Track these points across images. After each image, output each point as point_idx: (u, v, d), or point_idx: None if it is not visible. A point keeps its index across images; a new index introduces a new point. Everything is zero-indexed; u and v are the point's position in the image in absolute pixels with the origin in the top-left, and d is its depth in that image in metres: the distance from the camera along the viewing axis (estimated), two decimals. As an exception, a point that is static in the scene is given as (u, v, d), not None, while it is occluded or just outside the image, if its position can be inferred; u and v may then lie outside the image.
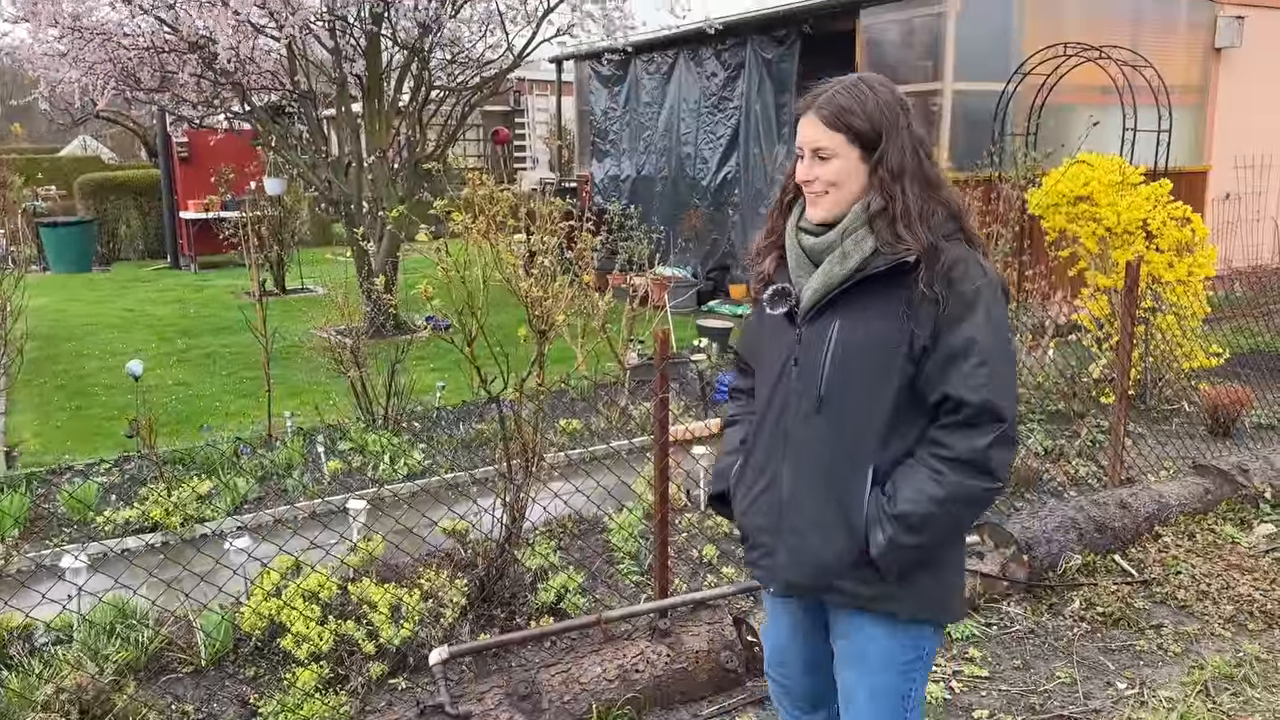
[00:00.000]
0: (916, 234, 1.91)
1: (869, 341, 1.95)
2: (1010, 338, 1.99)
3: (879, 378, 1.94)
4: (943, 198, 1.98)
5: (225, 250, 13.21)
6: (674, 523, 4.64)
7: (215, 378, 7.82)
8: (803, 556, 2.03)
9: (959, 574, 2.11)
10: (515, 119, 21.00)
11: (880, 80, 2.00)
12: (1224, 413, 5.97)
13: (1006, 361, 1.94)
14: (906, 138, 1.95)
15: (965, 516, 1.99)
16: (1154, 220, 6.19)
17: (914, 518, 1.90)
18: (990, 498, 1.96)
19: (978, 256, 1.97)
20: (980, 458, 1.89)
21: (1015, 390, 1.97)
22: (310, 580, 3.69)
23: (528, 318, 3.81)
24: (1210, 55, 10.07)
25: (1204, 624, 3.81)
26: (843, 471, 1.98)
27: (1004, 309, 1.97)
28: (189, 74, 8.59)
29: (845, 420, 1.97)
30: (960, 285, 1.91)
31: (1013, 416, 1.92)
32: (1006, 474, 1.94)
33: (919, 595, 2.01)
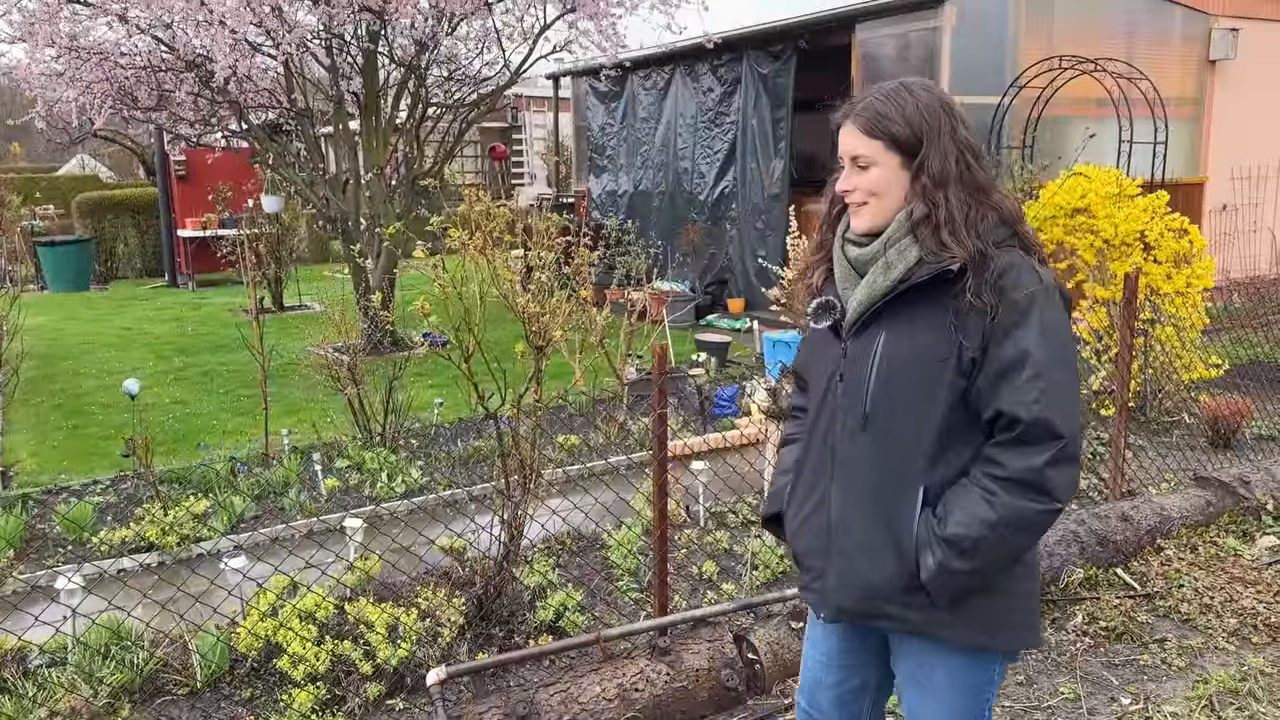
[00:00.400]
0: (962, 241, 1.82)
1: (915, 355, 1.86)
2: (1070, 347, 1.87)
3: (926, 393, 1.85)
4: (993, 202, 1.89)
5: (223, 268, 13.22)
6: (673, 539, 4.61)
7: (212, 396, 7.79)
8: (851, 580, 1.95)
9: (1025, 599, 1.94)
10: (513, 135, 21.05)
11: (923, 84, 1.93)
12: (1224, 424, 5.95)
13: (1064, 373, 1.81)
14: (950, 142, 1.87)
15: (1021, 541, 1.84)
16: (1151, 232, 6.19)
17: (965, 542, 1.80)
18: (1048, 520, 1.84)
19: (1032, 262, 1.86)
20: (1036, 477, 1.78)
21: (1076, 403, 1.83)
22: (307, 600, 3.66)
23: (525, 333, 3.81)
24: (1205, 67, 10.10)
25: (1208, 638, 3.78)
26: (891, 491, 1.89)
27: (1062, 316, 1.85)
28: (186, 93, 8.60)
29: (892, 438, 1.89)
30: (1011, 293, 1.80)
31: (1073, 432, 1.80)
32: (1067, 495, 1.82)
33: (974, 621, 1.90)
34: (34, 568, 4.48)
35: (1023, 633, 1.95)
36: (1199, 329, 6.31)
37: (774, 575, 4.29)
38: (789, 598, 3.83)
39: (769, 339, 7.64)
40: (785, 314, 4.62)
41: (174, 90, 8.67)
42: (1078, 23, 9.18)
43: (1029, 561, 1.94)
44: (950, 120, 1.89)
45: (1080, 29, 9.14)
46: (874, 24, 9.19)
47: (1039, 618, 2.00)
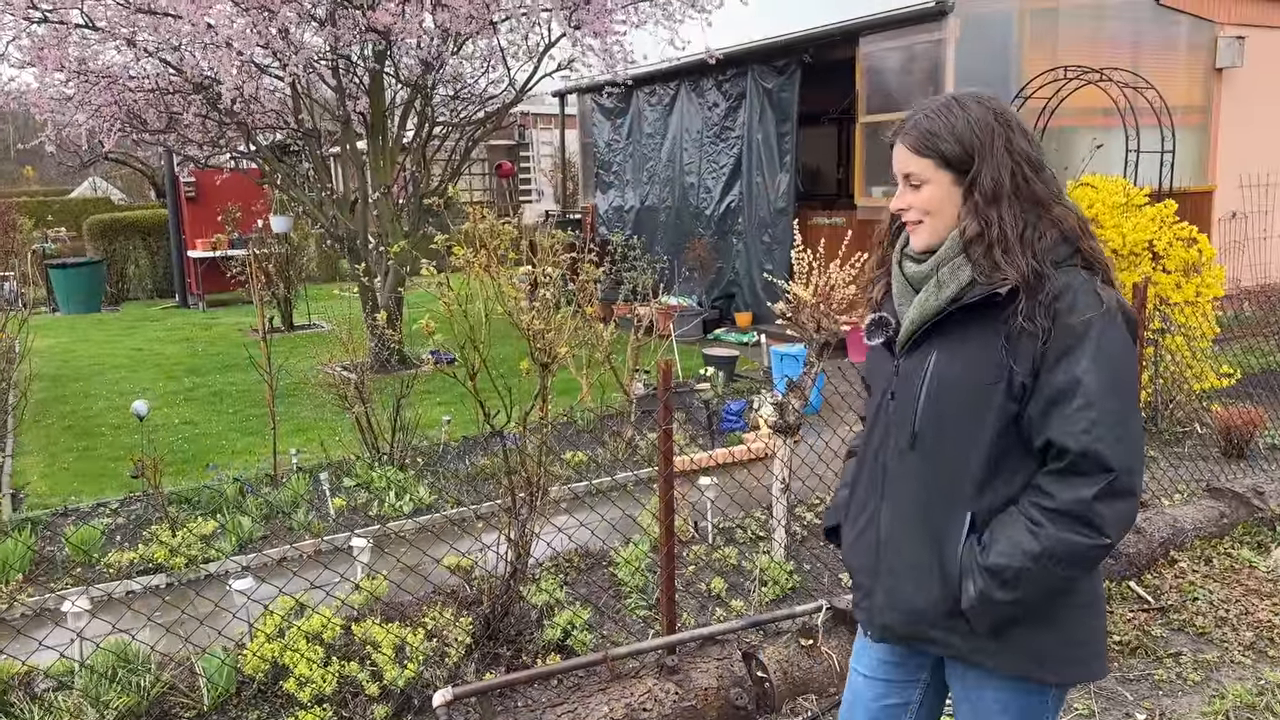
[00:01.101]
0: (1015, 261, 1.76)
1: (964, 376, 1.81)
2: (1130, 375, 1.78)
3: (975, 416, 1.80)
4: (1054, 217, 1.81)
5: (233, 288, 13.29)
6: (681, 556, 4.59)
7: (222, 416, 7.81)
8: (897, 601, 1.92)
9: (1081, 629, 1.86)
10: (520, 152, 21.14)
11: (975, 96, 1.86)
12: (1237, 434, 5.90)
13: (1119, 402, 1.73)
14: (1003, 156, 1.80)
15: (1067, 574, 1.77)
16: (1160, 241, 6.16)
17: (1007, 572, 1.76)
18: (1097, 555, 1.75)
19: (1095, 285, 1.77)
20: (1084, 510, 1.71)
21: (1133, 434, 1.74)
22: (313, 621, 3.65)
23: (530, 350, 3.80)
24: (1212, 75, 10.08)
25: (1223, 651, 3.74)
26: (939, 513, 1.85)
27: (1122, 343, 1.76)
28: (194, 114, 8.67)
29: (940, 459, 1.85)
30: (1066, 317, 1.73)
31: (1126, 465, 1.71)
32: (1118, 530, 1.74)
33: (1021, 651, 1.85)
34: (42, 591, 4.48)
35: (1078, 666, 1.88)
36: (1210, 338, 6.28)
37: (783, 592, 4.26)
38: (798, 615, 3.80)
39: (776, 352, 7.63)
40: (791, 328, 4.60)
41: (182, 112, 8.74)
42: (1082, 33, 9.18)
43: (1086, 592, 1.86)
44: (1005, 132, 1.82)
45: (1085, 39, 9.13)
46: (878, 37, 9.20)
47: (1100, 649, 1.90)
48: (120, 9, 7.69)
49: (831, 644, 3.60)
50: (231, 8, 7.55)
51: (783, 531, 4.54)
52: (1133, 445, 1.74)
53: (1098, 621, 1.90)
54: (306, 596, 3.83)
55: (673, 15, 8.76)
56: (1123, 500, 1.73)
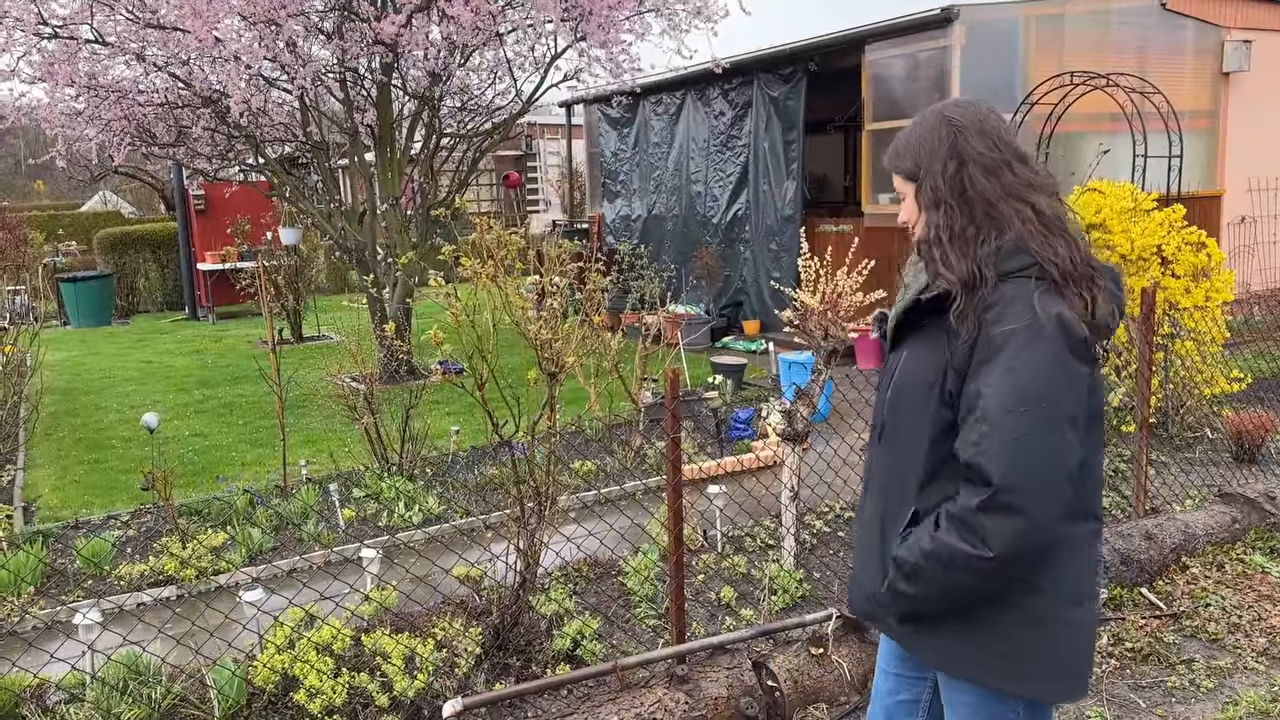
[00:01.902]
0: (952, 264, 1.80)
1: (915, 377, 1.89)
2: (1044, 393, 1.70)
3: (920, 416, 1.86)
4: (1001, 216, 1.81)
5: (242, 300, 13.35)
6: (690, 565, 4.59)
7: (232, 428, 7.84)
8: (860, 583, 2.05)
9: (1031, 644, 1.83)
10: (527, 162, 21.20)
11: (940, 106, 1.92)
12: (1248, 439, 5.87)
13: (1020, 421, 1.69)
14: (945, 162, 1.85)
15: (955, 579, 1.77)
16: (1169, 246, 6.14)
17: (906, 566, 1.83)
18: (980, 567, 1.73)
19: (1035, 296, 1.73)
20: (969, 518, 1.72)
21: (1030, 453, 1.69)
22: (323, 632, 3.66)
23: (537, 360, 3.81)
24: (1219, 80, 10.06)
25: (1236, 658, 3.71)
26: (891, 505, 1.94)
27: (1044, 359, 1.70)
28: (203, 128, 8.72)
29: (896, 454, 1.94)
30: (991, 328, 1.74)
31: (1012, 483, 1.68)
32: (1003, 547, 1.70)
33: (944, 650, 1.90)
34: (53, 604, 4.50)
35: (1037, 683, 1.86)
36: (1220, 343, 6.25)
37: (793, 600, 4.25)
38: (808, 623, 3.79)
39: (784, 360, 7.62)
40: (799, 335, 4.60)
41: (191, 126, 8.80)
42: (1088, 38, 9.17)
43: (1022, 607, 1.82)
44: (953, 137, 1.85)
45: (1091, 44, 9.13)
46: (883, 45, 9.21)
47: (1065, 669, 1.85)
48: (130, 24, 7.75)
49: (842, 652, 3.59)
50: (239, 22, 7.61)
51: (792, 540, 4.53)
52: (1026, 464, 1.69)
53: (1055, 640, 1.85)
54: (316, 608, 3.83)
55: (678, 25, 8.79)
56: (1004, 516, 1.70)
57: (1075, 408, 1.74)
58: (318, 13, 8.23)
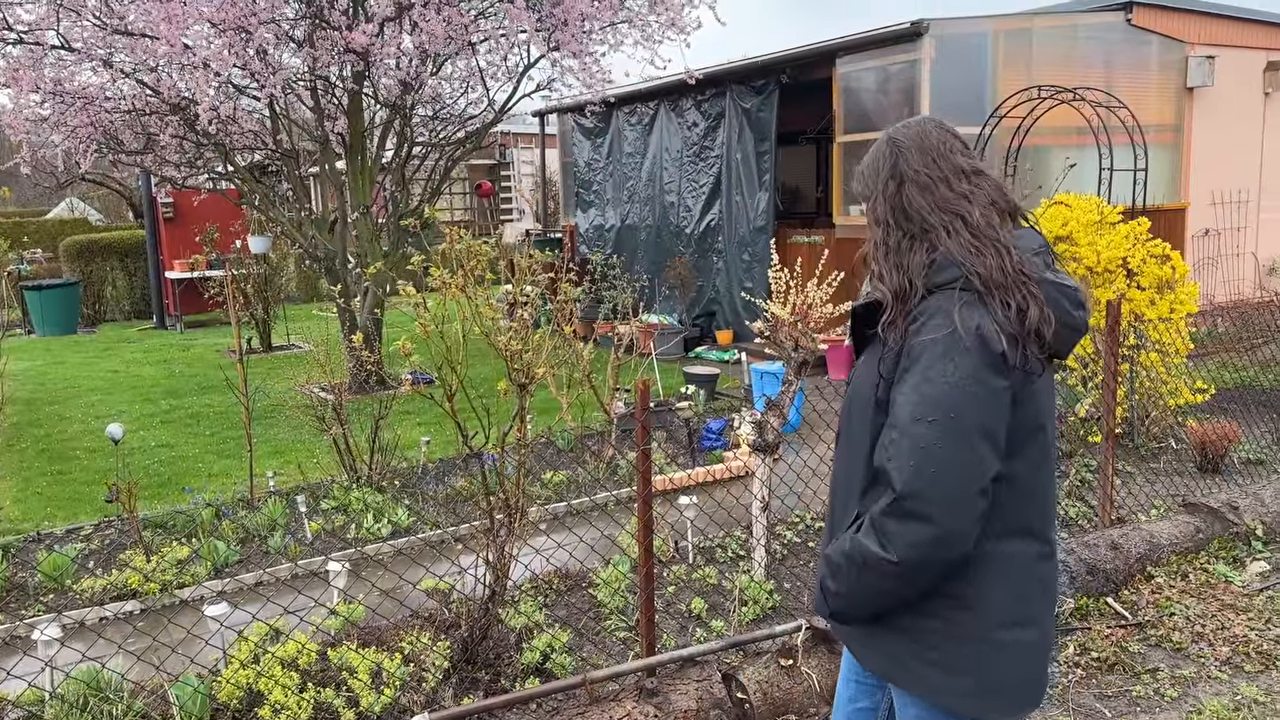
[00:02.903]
0: (884, 276, 1.88)
1: (859, 386, 1.97)
2: (953, 403, 1.71)
3: (864, 422, 1.92)
4: (928, 228, 1.84)
5: (211, 309, 13.22)
6: (661, 576, 4.58)
7: (199, 438, 7.74)
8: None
9: (963, 661, 1.84)
10: (500, 171, 21.17)
11: (891, 129, 1.98)
12: (1212, 449, 5.94)
13: (929, 430, 1.71)
14: (886, 180, 1.91)
15: (869, 581, 1.80)
16: (1134, 258, 6.22)
17: (830, 564, 1.89)
18: (887, 571, 1.76)
19: (958, 308, 1.74)
20: (877, 522, 1.77)
21: (936, 463, 1.70)
22: (289, 647, 3.61)
23: (508, 370, 3.79)
24: (1183, 94, 10.23)
25: (1200, 666, 3.75)
26: (841, 510, 1.99)
27: (955, 371, 1.71)
28: (171, 135, 8.64)
29: (847, 459, 1.98)
30: (913, 338, 1.79)
31: (915, 490, 1.71)
32: (905, 553, 1.73)
33: (885, 654, 1.93)
34: (12, 618, 4.41)
35: (956, 696, 1.86)
36: (1184, 354, 6.33)
37: (763, 611, 4.25)
38: (778, 634, 3.79)
39: (757, 370, 7.64)
40: (770, 346, 4.62)
41: (159, 133, 8.71)
42: (1056, 53, 9.29)
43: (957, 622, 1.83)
44: (894, 156, 1.92)
45: (1058, 59, 9.25)
46: (854, 58, 9.28)
47: (991, 690, 1.85)
48: (97, 30, 7.67)
49: (811, 664, 3.59)
50: (209, 29, 7.55)
51: (763, 550, 4.53)
52: (931, 473, 1.71)
53: (985, 659, 1.85)
54: (282, 622, 3.79)
55: (651, 36, 8.82)
56: (911, 523, 1.73)
57: (990, 421, 1.73)
58: (289, 21, 8.18)
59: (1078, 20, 9.70)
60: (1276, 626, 4.01)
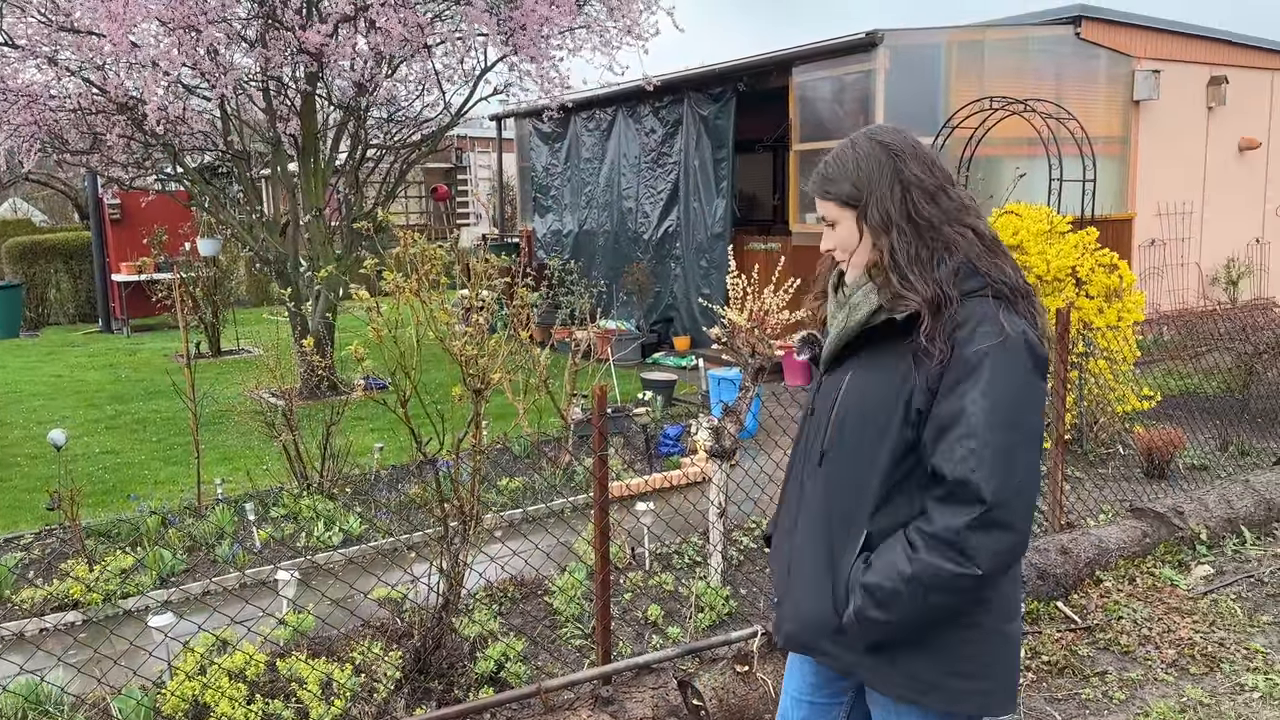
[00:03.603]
0: (915, 286, 1.80)
1: (869, 399, 1.87)
2: (1023, 410, 1.76)
3: (875, 438, 1.85)
4: (945, 239, 1.84)
5: (159, 312, 12.96)
6: (618, 583, 4.55)
7: (145, 445, 7.58)
8: (798, 612, 1.98)
9: (971, 661, 1.86)
10: (457, 175, 21.03)
11: (870, 133, 1.94)
12: (1158, 454, 6.06)
13: (1005, 435, 1.73)
14: (891, 187, 1.86)
15: (938, 601, 1.77)
16: (1083, 267, 6.32)
17: (880, 592, 1.79)
18: (965, 585, 1.75)
19: (1000, 315, 1.78)
20: (955, 538, 1.73)
21: (1017, 469, 1.74)
22: (236, 658, 3.54)
23: (463, 376, 3.75)
24: (1130, 107, 10.45)
25: (1147, 669, 3.81)
26: (838, 531, 1.90)
27: (1019, 376, 1.76)
28: (118, 135, 8.46)
29: (843, 478, 1.90)
30: (964, 348, 1.76)
31: (1003, 499, 1.72)
32: (991, 563, 1.74)
33: (904, 676, 1.87)
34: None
35: (967, 699, 1.87)
36: (1131, 362, 6.45)
37: (720, 617, 4.24)
38: (734, 640, 3.78)
39: (714, 376, 7.65)
40: (727, 352, 4.62)
41: (106, 133, 8.52)
42: (1007, 64, 9.45)
43: (983, 625, 1.85)
44: (893, 163, 1.87)
45: (1010, 71, 9.40)
46: (810, 67, 9.36)
47: (1002, 684, 1.88)
48: (42, 27, 7.50)
49: (767, 669, 3.59)
50: (157, 27, 7.41)
51: (719, 556, 4.53)
52: (1015, 480, 1.74)
53: (996, 655, 1.88)
54: (229, 632, 3.71)
55: (610, 42, 8.81)
56: (998, 532, 1.73)
57: (1041, 423, 1.81)
58: (240, 20, 8.05)
59: (1028, 33, 9.87)
60: (1220, 629, 4.09)
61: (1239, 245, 11.67)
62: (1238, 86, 11.08)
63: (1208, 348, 7.75)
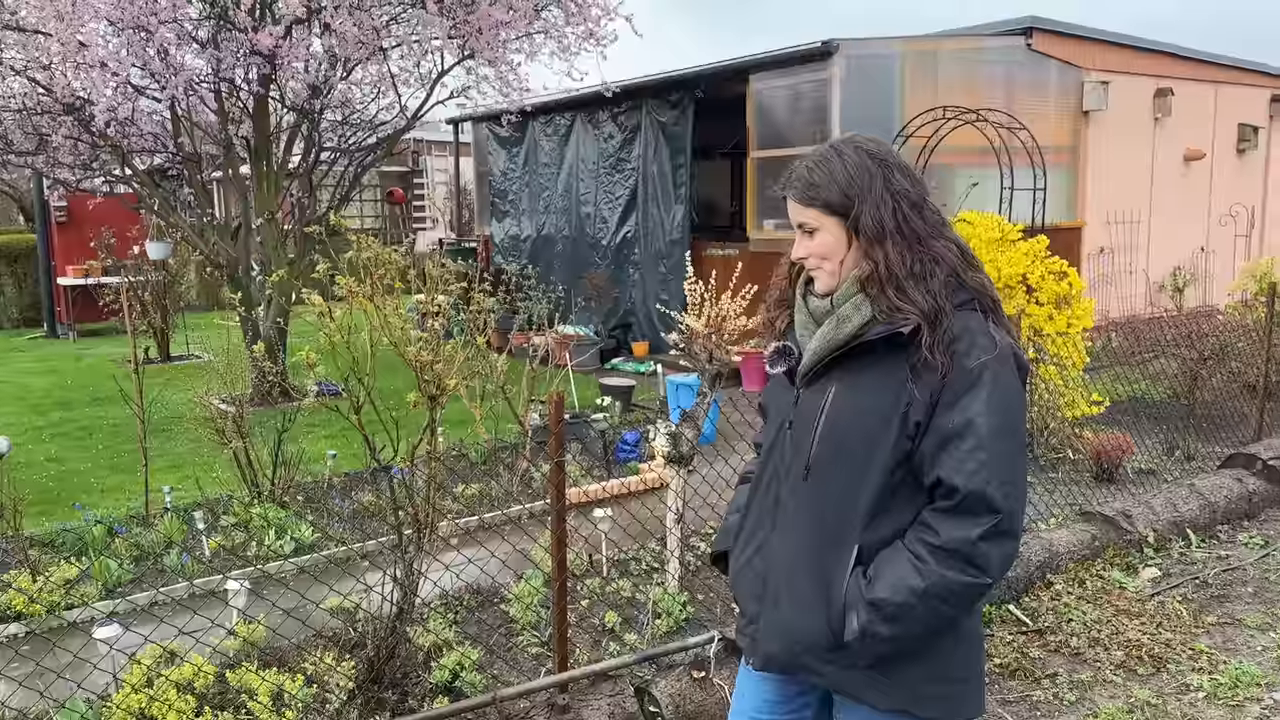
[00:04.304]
0: (913, 298, 1.80)
1: (861, 411, 1.84)
2: (1019, 419, 1.81)
3: (869, 450, 1.83)
4: (934, 253, 1.84)
5: (107, 317, 12.71)
6: (575, 590, 4.53)
7: (91, 452, 7.41)
8: (780, 630, 1.94)
9: (959, 667, 1.89)
10: (414, 179, 20.87)
11: (853, 141, 1.91)
12: (1107, 459, 6.17)
13: (1009, 444, 1.77)
14: (883, 196, 1.84)
15: (948, 611, 1.78)
16: (1033, 275, 6.42)
17: (890, 607, 1.77)
18: (977, 594, 1.78)
19: (989, 326, 1.82)
20: (968, 550, 1.74)
21: (1019, 479, 1.79)
22: (184, 670, 3.46)
23: (418, 382, 3.71)
24: (1080, 118, 10.65)
25: (1096, 671, 3.87)
26: (827, 546, 1.87)
27: (1014, 387, 1.81)
28: (64, 136, 8.28)
29: (831, 492, 1.87)
30: (964, 360, 1.77)
31: (1011, 509, 1.75)
32: (1000, 571, 1.77)
33: (899, 688, 1.86)
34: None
35: (956, 703, 1.89)
36: (1080, 367, 6.56)
37: (677, 624, 4.24)
38: (691, 646, 3.79)
39: (672, 382, 7.66)
40: (684, 358, 4.62)
41: (51, 134, 8.34)
42: (960, 75, 9.59)
43: (966, 630, 1.89)
44: (883, 172, 1.86)
45: (963, 81, 9.54)
46: (767, 75, 9.42)
47: (979, 686, 1.92)
48: (-16, 24, 7.32)
49: (724, 675, 3.59)
50: (106, 27, 7.26)
51: (676, 563, 4.53)
52: (1019, 489, 1.79)
53: (976, 658, 1.93)
54: (177, 644, 3.63)
55: (568, 47, 8.80)
56: (1006, 541, 1.76)
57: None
58: (192, 21, 7.93)
59: (981, 44, 10.03)
60: (1166, 630, 4.17)
61: (1185, 254, 11.94)
62: (1183, 98, 11.35)
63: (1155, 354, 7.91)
